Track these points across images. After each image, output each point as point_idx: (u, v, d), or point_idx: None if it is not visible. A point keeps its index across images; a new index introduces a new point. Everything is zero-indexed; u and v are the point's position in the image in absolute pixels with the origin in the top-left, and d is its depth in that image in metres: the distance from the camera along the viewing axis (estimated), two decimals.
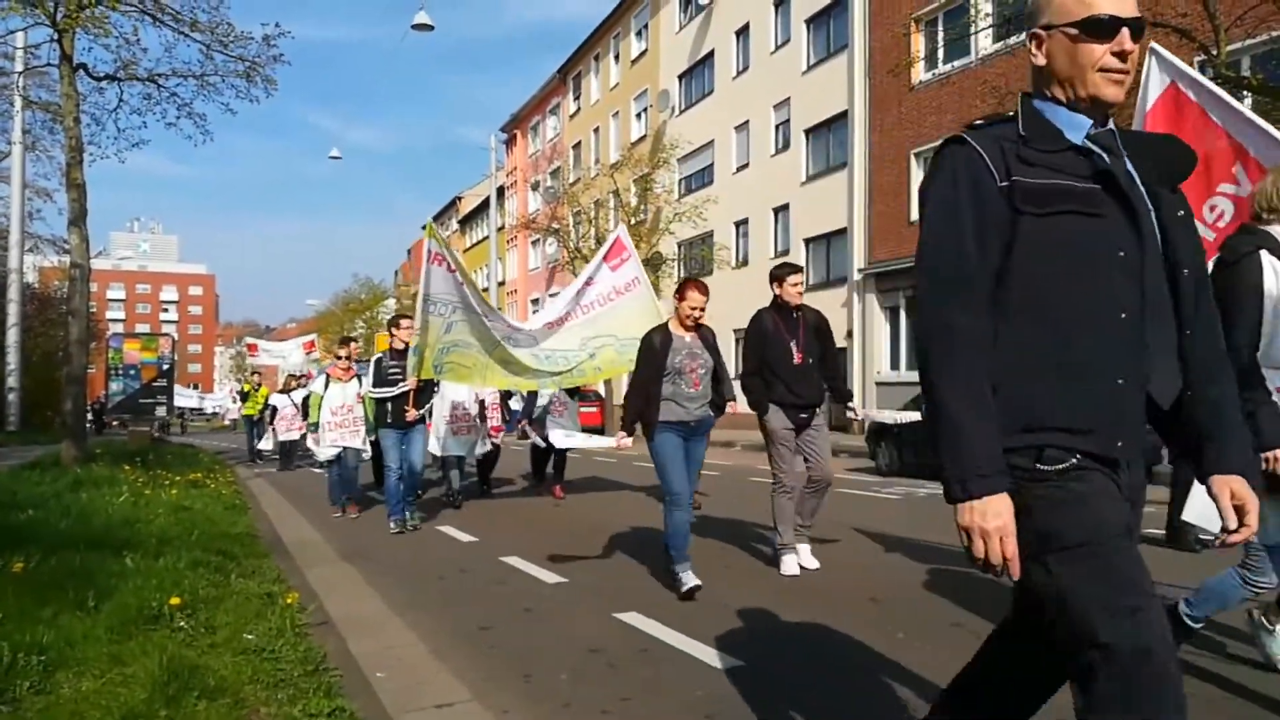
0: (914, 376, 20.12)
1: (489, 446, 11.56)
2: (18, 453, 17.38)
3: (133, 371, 23.77)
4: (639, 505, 10.48)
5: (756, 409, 6.26)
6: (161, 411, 24.53)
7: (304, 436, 16.36)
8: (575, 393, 11.84)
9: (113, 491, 9.58)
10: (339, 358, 10.33)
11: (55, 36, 13.53)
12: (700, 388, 5.82)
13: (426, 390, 9.08)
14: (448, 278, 9.04)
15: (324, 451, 10.23)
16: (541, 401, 11.44)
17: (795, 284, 6.30)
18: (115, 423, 26.93)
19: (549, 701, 3.68)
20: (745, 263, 29.15)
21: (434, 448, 10.65)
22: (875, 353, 23.74)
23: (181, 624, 4.43)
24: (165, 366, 24.36)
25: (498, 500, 11.48)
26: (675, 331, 5.91)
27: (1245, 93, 11.14)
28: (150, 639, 4.09)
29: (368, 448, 10.39)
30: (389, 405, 8.77)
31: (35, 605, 4.47)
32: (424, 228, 9.20)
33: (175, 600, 4.64)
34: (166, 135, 45.59)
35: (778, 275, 6.35)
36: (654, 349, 5.79)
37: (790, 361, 6.20)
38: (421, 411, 8.89)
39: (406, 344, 8.89)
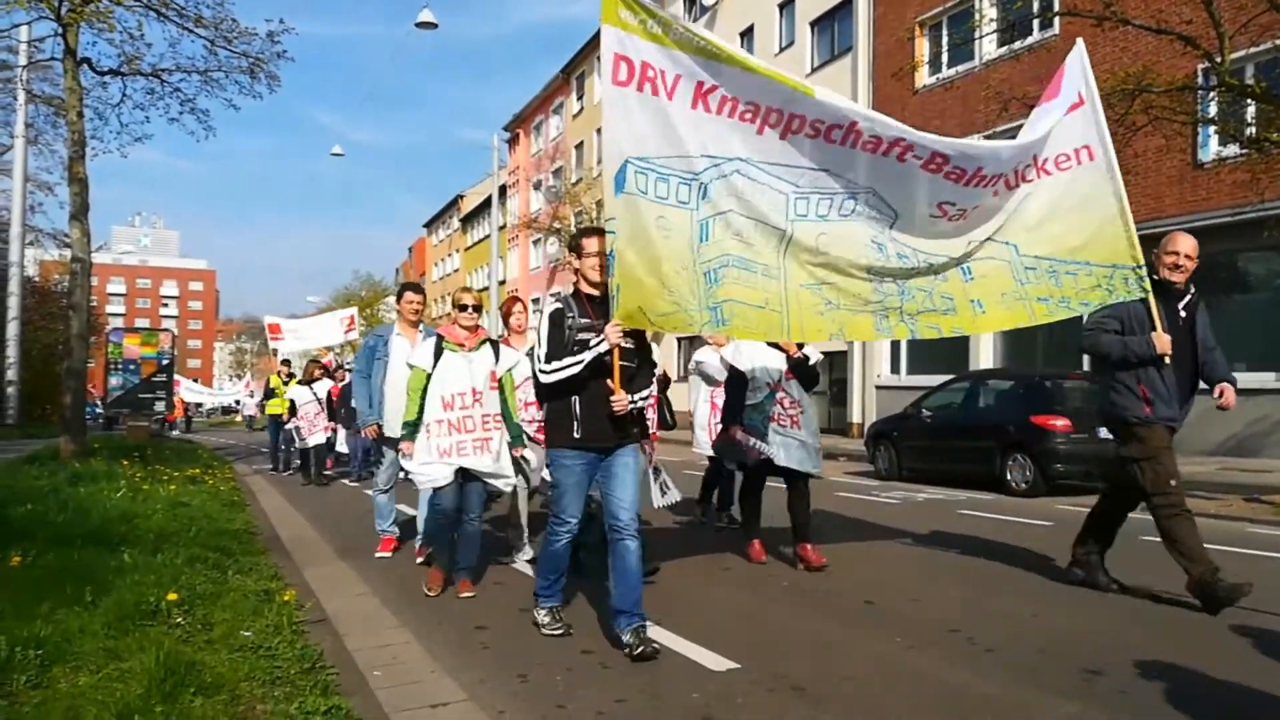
0: (914, 380, 20.07)
1: None
2: (16, 446, 17.36)
3: (132, 366, 23.79)
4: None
5: None
6: (160, 406, 24.49)
7: (332, 440, 13.88)
8: (812, 378, 6.63)
9: (110, 486, 9.56)
10: (463, 309, 5.72)
11: (59, 31, 13.54)
12: None
13: (645, 360, 4.71)
14: (693, 117, 4.57)
15: (426, 473, 5.66)
16: (754, 397, 6.41)
17: None
18: (126, 418, 25.17)
19: (544, 703, 3.67)
20: None
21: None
22: (875, 357, 23.71)
23: (178, 620, 4.44)
24: (165, 362, 24.38)
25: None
26: None
27: (1249, 100, 11.15)
28: (147, 635, 4.10)
29: (509, 471, 5.86)
30: (576, 400, 4.45)
31: (32, 600, 4.48)
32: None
33: (172, 596, 4.66)
34: (169, 130, 45.55)
35: None
36: None
37: None
38: (639, 400, 4.59)
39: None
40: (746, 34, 29.87)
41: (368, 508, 10.55)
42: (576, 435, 4.45)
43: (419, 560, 6.63)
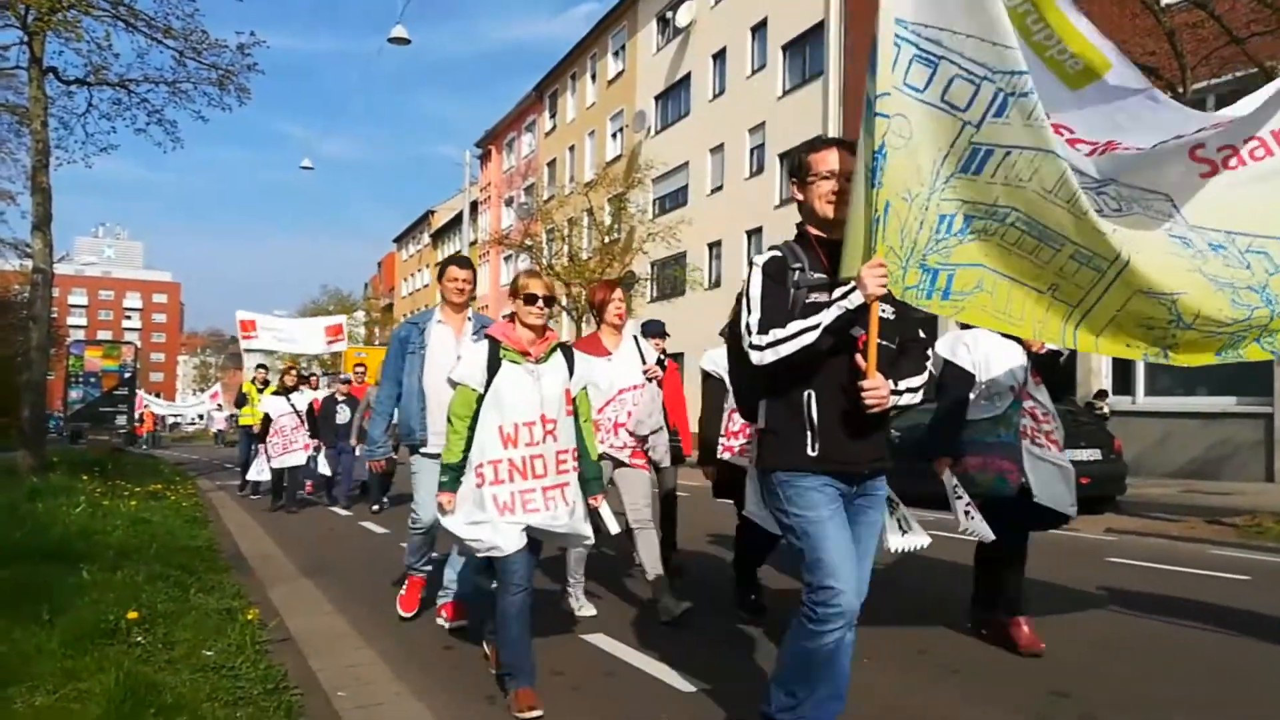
0: None
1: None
2: None
3: (93, 379, 23.43)
4: None
5: None
6: (122, 420, 24.10)
7: (313, 460, 11.95)
8: (1062, 381, 5.25)
9: (70, 502, 9.39)
10: (530, 300, 3.95)
11: (25, 39, 13.38)
12: None
13: (912, 338, 3.15)
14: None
15: (481, 538, 3.82)
16: (995, 407, 4.75)
17: None
18: (87, 431, 23.74)
19: None
20: (718, 284, 29.24)
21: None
22: None
23: (139, 639, 4.36)
24: (127, 375, 24.02)
25: None
26: None
27: None
28: (106, 654, 4.02)
29: (587, 529, 4.09)
30: (810, 396, 2.95)
31: None
32: None
33: (133, 615, 4.56)
34: (135, 141, 45.02)
35: None
36: None
37: None
38: (905, 392, 2.99)
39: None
40: (719, 56, 30.14)
41: (334, 524, 10.47)
42: (813, 453, 2.95)
43: (447, 625, 5.22)
